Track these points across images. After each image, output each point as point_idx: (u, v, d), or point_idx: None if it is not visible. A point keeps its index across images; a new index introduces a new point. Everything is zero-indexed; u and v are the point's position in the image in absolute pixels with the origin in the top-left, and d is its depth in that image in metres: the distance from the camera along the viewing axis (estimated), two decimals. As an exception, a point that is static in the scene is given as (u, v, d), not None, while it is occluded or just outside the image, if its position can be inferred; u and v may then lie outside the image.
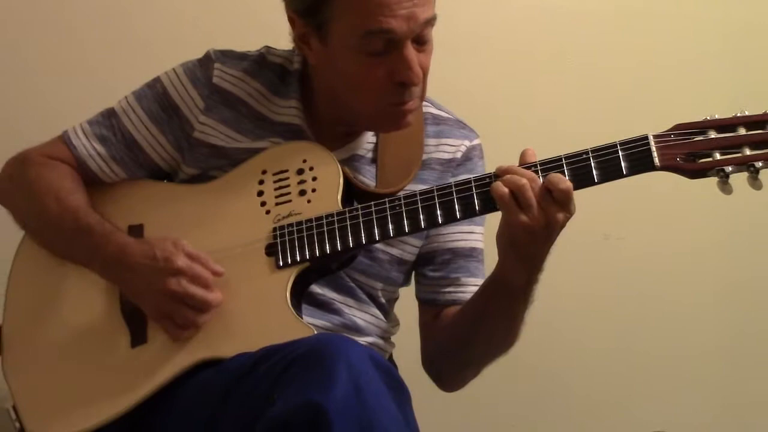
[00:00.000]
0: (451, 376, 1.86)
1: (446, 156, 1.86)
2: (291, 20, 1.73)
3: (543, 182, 1.57)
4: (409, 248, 1.85)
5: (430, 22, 1.67)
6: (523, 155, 1.63)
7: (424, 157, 1.84)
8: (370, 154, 1.84)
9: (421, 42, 1.67)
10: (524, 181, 1.57)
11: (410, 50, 1.65)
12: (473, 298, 1.79)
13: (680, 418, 2.36)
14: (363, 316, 1.83)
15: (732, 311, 2.53)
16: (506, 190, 1.57)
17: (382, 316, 1.87)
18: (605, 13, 2.54)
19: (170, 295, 1.66)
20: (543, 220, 1.56)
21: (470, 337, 1.78)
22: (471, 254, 1.86)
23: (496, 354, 1.79)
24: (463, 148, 1.87)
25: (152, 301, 1.69)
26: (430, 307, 1.87)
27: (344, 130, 1.81)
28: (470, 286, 1.85)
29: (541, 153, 1.64)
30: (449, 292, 1.86)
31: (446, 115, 1.90)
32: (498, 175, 1.62)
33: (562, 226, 1.59)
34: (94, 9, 2.42)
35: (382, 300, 1.87)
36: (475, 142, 1.89)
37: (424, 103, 1.84)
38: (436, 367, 1.86)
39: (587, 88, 2.50)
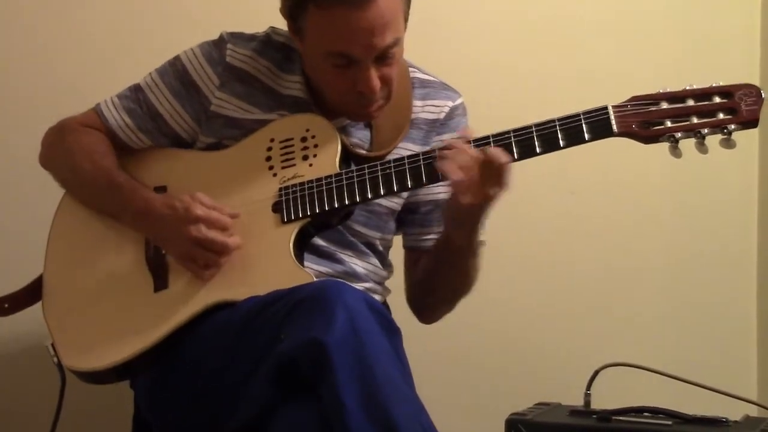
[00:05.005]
0: (426, 312, 1.94)
1: (431, 116, 1.89)
2: (283, 16, 1.76)
3: (482, 160, 1.61)
4: (399, 200, 1.90)
5: (393, 44, 1.69)
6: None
7: (412, 116, 1.87)
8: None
9: (383, 59, 1.70)
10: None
11: (370, 69, 1.69)
12: (430, 254, 1.87)
13: (643, 350, 2.44)
14: (362, 264, 1.88)
15: (690, 252, 2.58)
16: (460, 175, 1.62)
17: (378, 264, 1.92)
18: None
19: (192, 240, 1.71)
20: (482, 198, 1.63)
21: (433, 285, 1.87)
22: (437, 205, 1.89)
23: (458, 296, 1.88)
24: (446, 109, 1.90)
25: (177, 247, 1.74)
26: (412, 253, 1.94)
27: None
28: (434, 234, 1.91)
29: (513, 122, 1.68)
30: (429, 239, 1.91)
31: (432, 78, 1.92)
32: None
33: (497, 199, 1.65)
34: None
35: (380, 248, 1.92)
36: (458, 102, 1.92)
37: (411, 69, 1.88)
38: (415, 305, 1.94)
39: (554, 64, 2.52)
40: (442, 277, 1.85)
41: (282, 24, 1.79)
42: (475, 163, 1.62)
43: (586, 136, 1.64)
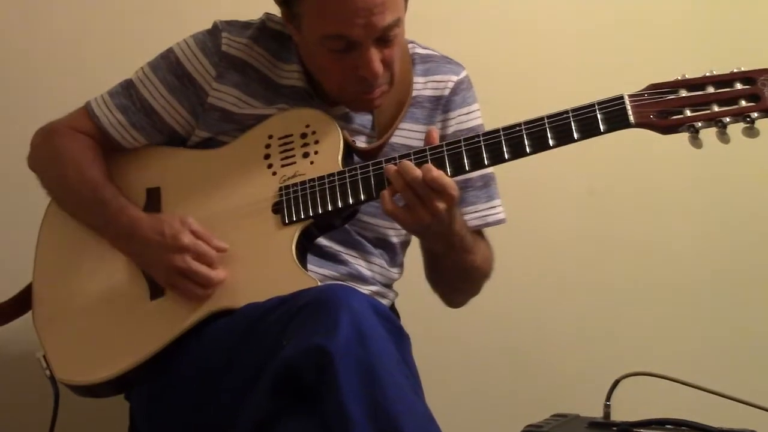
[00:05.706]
0: (447, 299, 1.92)
1: (435, 93, 1.85)
2: (276, 3, 1.74)
3: (421, 179, 1.58)
4: None
5: (393, 25, 1.66)
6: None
7: (414, 94, 1.83)
8: None
9: (384, 41, 1.67)
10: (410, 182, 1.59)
11: (370, 51, 1.66)
12: (423, 254, 1.85)
13: (665, 359, 2.37)
14: (367, 265, 1.85)
15: (712, 255, 2.54)
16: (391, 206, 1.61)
17: (386, 265, 1.88)
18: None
19: (176, 271, 1.68)
20: (429, 216, 1.60)
21: (439, 280, 1.86)
22: (466, 184, 1.84)
23: (468, 285, 1.86)
24: (450, 84, 1.86)
25: (161, 273, 1.72)
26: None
27: None
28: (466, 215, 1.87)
29: (528, 113, 1.64)
30: None
31: (432, 52, 1.89)
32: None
33: (450, 211, 1.62)
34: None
35: (393, 240, 1.88)
36: (462, 75, 1.88)
37: (410, 44, 1.85)
38: (438, 292, 1.91)
39: (567, 51, 2.50)
40: (441, 275, 1.84)
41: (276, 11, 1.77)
42: (410, 184, 1.60)
43: (602, 127, 1.59)
